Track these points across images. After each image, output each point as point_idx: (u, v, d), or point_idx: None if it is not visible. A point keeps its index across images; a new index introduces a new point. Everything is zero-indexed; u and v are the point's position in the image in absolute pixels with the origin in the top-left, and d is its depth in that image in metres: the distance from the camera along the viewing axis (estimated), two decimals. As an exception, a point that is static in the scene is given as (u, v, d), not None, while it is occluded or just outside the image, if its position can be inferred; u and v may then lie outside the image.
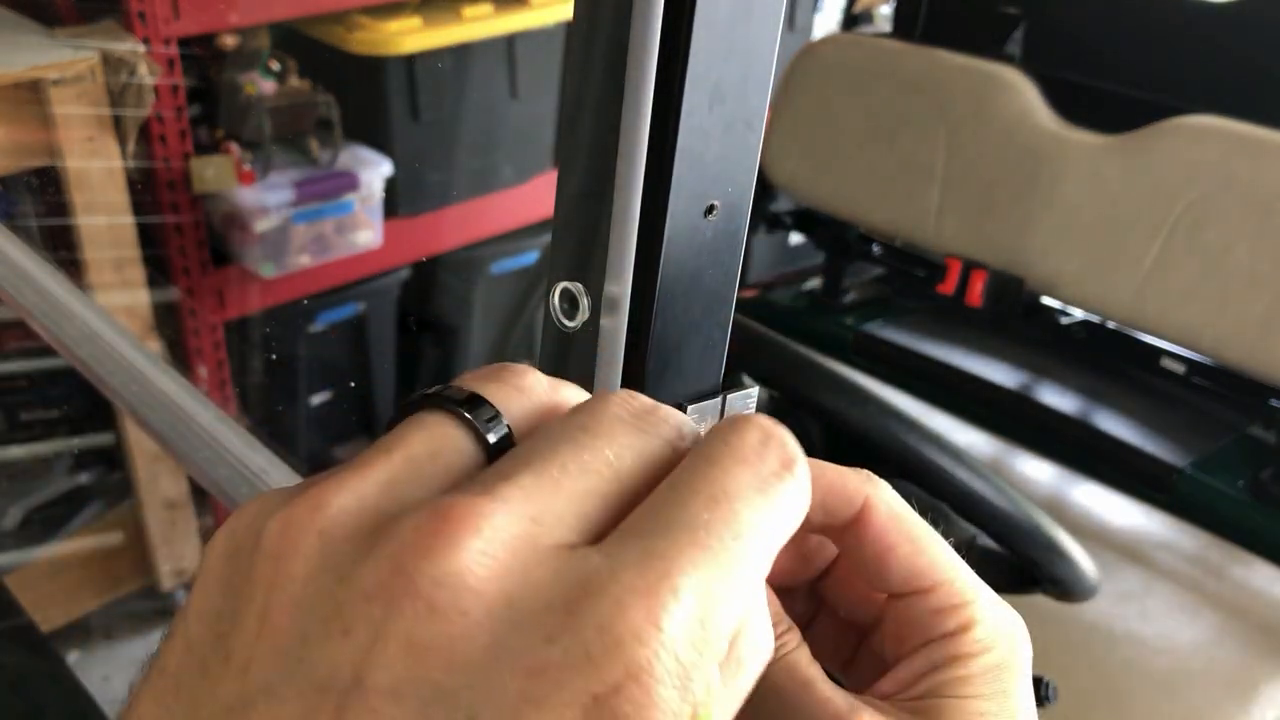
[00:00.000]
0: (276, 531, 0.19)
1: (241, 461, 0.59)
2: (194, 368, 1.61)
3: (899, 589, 0.28)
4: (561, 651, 0.18)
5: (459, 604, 0.18)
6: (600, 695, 0.17)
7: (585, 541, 0.20)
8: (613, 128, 0.26)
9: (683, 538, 0.19)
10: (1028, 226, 1.30)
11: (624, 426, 0.22)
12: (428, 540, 0.18)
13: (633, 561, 0.19)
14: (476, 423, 0.22)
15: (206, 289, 1.58)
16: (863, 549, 0.28)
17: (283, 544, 0.19)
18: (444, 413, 0.22)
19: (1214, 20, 1.30)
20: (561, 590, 0.18)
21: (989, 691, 0.27)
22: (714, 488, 0.21)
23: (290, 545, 0.19)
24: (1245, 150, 1.15)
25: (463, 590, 0.18)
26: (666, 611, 0.18)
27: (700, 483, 0.21)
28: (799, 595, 0.32)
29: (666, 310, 0.28)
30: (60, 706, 0.63)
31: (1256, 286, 1.13)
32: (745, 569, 0.20)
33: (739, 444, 0.22)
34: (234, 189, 1.52)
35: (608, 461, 0.21)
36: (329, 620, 0.18)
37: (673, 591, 0.18)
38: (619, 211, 0.26)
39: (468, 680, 0.17)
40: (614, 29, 0.25)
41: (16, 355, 1.54)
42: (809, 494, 0.23)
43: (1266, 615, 1.14)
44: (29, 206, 1.47)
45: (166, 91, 1.42)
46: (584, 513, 0.20)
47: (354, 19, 1.60)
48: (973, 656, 0.27)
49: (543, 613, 0.18)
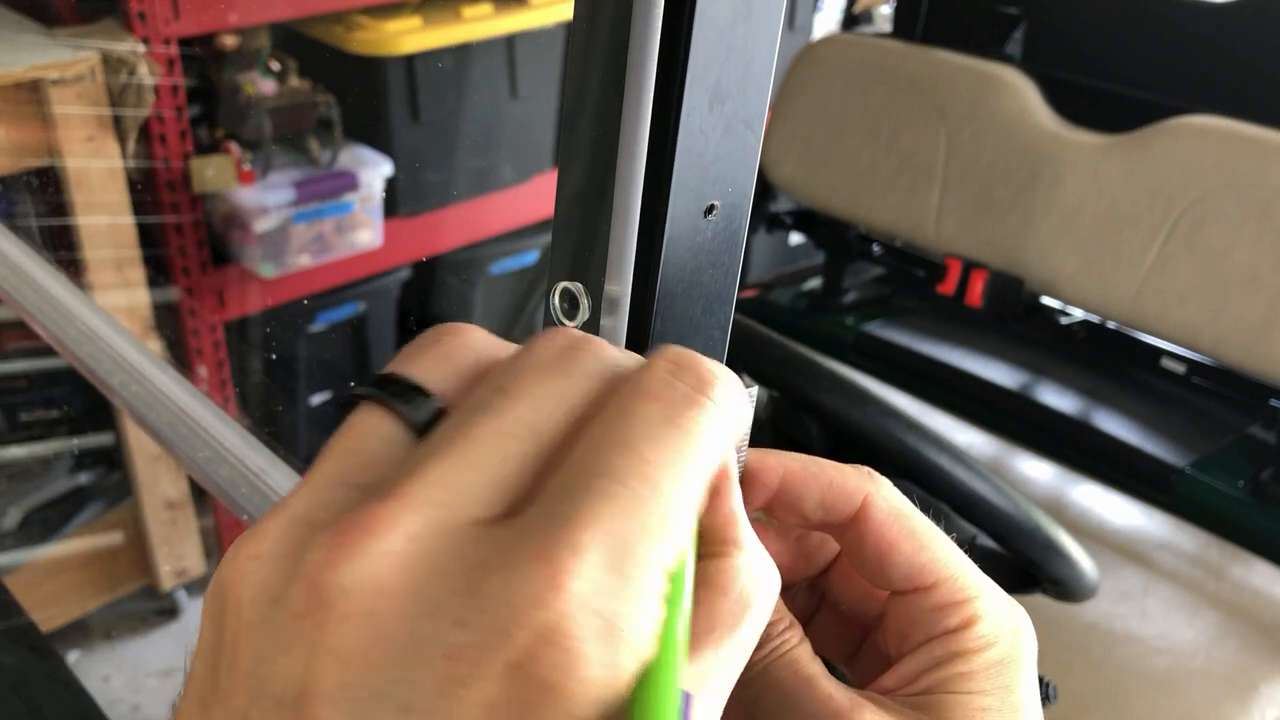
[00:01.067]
0: (229, 563, 0.20)
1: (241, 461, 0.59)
2: (194, 368, 1.61)
3: (901, 586, 0.28)
4: (473, 631, 0.18)
5: (366, 607, 0.18)
6: (516, 664, 0.18)
7: (504, 511, 0.20)
8: (613, 128, 0.26)
9: (584, 492, 0.19)
10: (1028, 226, 1.30)
11: (543, 374, 0.22)
12: (332, 553, 0.19)
13: (536, 527, 0.19)
14: (397, 406, 0.22)
15: (206, 289, 1.58)
16: (864, 546, 0.28)
17: (233, 574, 0.20)
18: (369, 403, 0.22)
19: (1214, 20, 1.30)
20: (467, 571, 0.19)
21: (992, 687, 0.27)
22: (617, 433, 0.20)
23: (238, 574, 0.20)
24: (1245, 150, 1.15)
25: (367, 594, 0.18)
26: (567, 571, 0.18)
27: (607, 430, 0.21)
28: (801, 591, 0.32)
29: (666, 310, 0.28)
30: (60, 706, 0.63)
31: (1256, 286, 1.13)
32: (660, 506, 0.20)
33: (647, 381, 0.21)
34: (234, 189, 1.52)
35: (522, 420, 0.21)
36: (272, 641, 0.19)
37: (573, 549, 0.18)
38: (619, 211, 0.26)
39: (393, 675, 0.18)
40: (614, 29, 0.25)
41: (16, 355, 1.54)
42: (734, 410, 0.22)
43: (1266, 615, 1.14)
44: (29, 206, 1.47)
45: (166, 91, 1.42)
46: (500, 481, 0.20)
47: (354, 19, 1.60)
48: (975, 652, 0.27)
49: (450, 597, 0.18)
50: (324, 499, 0.20)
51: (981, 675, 0.27)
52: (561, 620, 0.18)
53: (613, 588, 0.19)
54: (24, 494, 1.60)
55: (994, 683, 0.27)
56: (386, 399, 0.22)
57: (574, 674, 0.18)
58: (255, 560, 0.20)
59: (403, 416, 0.22)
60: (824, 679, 0.27)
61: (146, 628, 1.73)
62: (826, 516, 0.28)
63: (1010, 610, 0.28)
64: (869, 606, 0.31)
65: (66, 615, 1.65)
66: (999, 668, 0.27)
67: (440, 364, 0.23)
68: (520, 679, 0.18)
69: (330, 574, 0.19)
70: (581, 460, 0.20)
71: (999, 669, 0.27)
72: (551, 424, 0.21)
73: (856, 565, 0.29)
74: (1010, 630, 0.28)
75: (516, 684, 0.18)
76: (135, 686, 1.64)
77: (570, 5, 0.26)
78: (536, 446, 0.21)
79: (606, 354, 0.23)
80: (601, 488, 0.19)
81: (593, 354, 0.23)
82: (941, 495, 0.77)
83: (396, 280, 1.79)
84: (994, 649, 0.27)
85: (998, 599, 0.28)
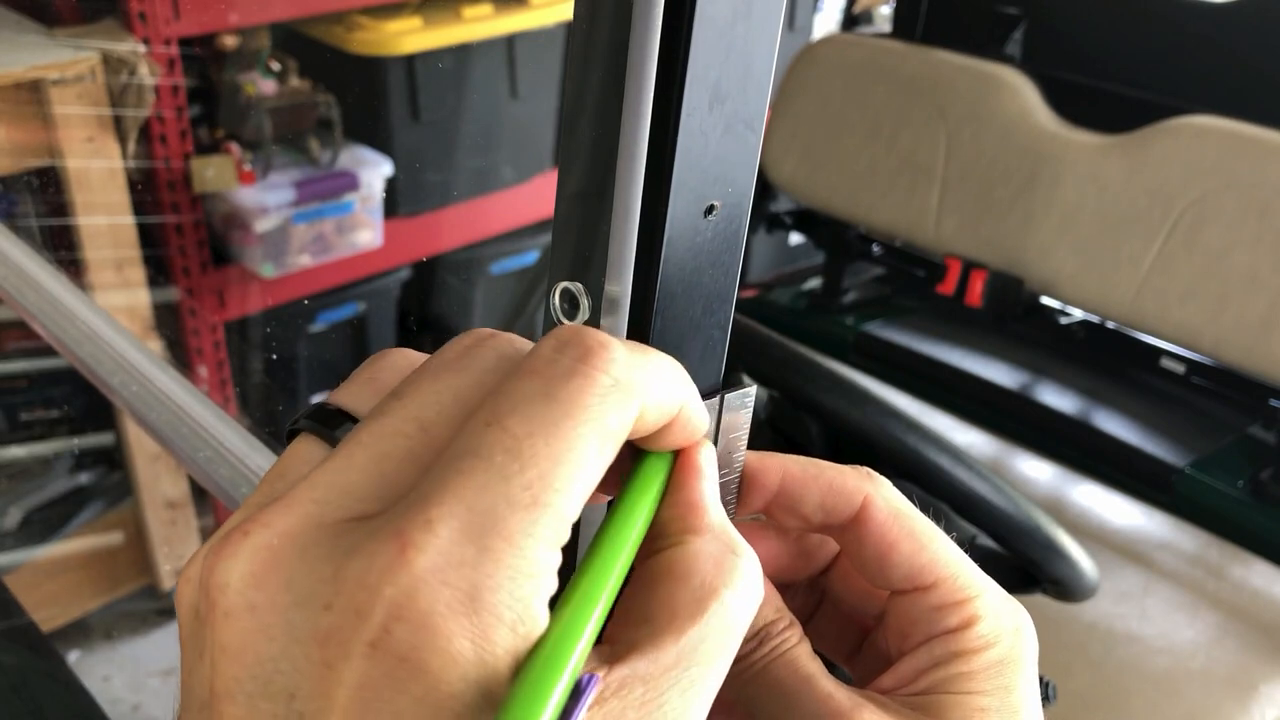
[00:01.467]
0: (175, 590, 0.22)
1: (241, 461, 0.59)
2: (194, 368, 1.61)
3: (901, 585, 0.28)
4: (337, 614, 0.18)
5: (244, 601, 0.19)
6: (374, 641, 0.18)
7: (389, 506, 0.20)
8: (613, 128, 0.26)
9: (446, 472, 0.19)
10: (1027, 226, 1.30)
11: (439, 373, 0.22)
12: (215, 555, 0.20)
13: (397, 511, 0.19)
14: (322, 431, 0.23)
15: (207, 289, 1.58)
16: (864, 546, 0.28)
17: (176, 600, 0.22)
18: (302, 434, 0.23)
19: (1214, 20, 1.30)
20: (335, 559, 0.19)
21: (992, 687, 0.27)
22: (487, 412, 0.20)
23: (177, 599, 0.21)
24: (1245, 150, 1.15)
25: (243, 589, 0.19)
26: (414, 545, 0.18)
27: (482, 411, 0.21)
28: (800, 590, 0.32)
29: (666, 310, 0.28)
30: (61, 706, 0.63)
31: (1256, 286, 1.14)
32: (528, 477, 0.19)
33: (529, 361, 0.21)
34: (234, 189, 1.52)
35: (409, 418, 0.21)
36: (191, 650, 0.20)
37: (425, 525, 0.19)
38: (619, 211, 0.26)
39: (276, 665, 0.19)
40: (614, 29, 0.25)
41: (17, 355, 1.54)
42: (623, 378, 0.21)
43: (1266, 615, 1.14)
44: (29, 206, 1.47)
45: (167, 91, 1.43)
46: (382, 476, 0.20)
47: (354, 19, 1.60)
48: (975, 652, 0.27)
49: (319, 585, 0.19)
50: (243, 518, 0.21)
51: (981, 675, 0.27)
52: (410, 594, 0.18)
53: (470, 559, 0.19)
54: (24, 494, 1.60)
55: (994, 683, 0.27)
56: (314, 426, 0.23)
57: (433, 648, 0.18)
58: (187, 582, 0.21)
59: (325, 440, 0.23)
60: (823, 678, 0.27)
61: (147, 627, 1.73)
62: (826, 518, 0.28)
63: (1011, 610, 0.28)
64: (869, 606, 0.31)
65: (67, 615, 1.65)
66: (999, 668, 0.27)
67: (366, 388, 0.24)
68: (381, 656, 0.18)
69: (214, 574, 0.19)
70: (454, 445, 0.20)
71: (999, 669, 0.27)
72: (438, 419, 0.21)
73: (857, 565, 0.29)
74: (1011, 630, 0.28)
75: (379, 661, 0.18)
76: (136, 686, 1.64)
77: (570, 5, 0.26)
78: (423, 442, 0.21)
79: (508, 346, 0.23)
80: (463, 465, 0.19)
81: (492, 347, 0.23)
82: (941, 495, 0.77)
83: (397, 280, 1.79)
84: (994, 649, 0.27)
85: (998, 599, 0.28)
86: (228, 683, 0.19)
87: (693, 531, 0.23)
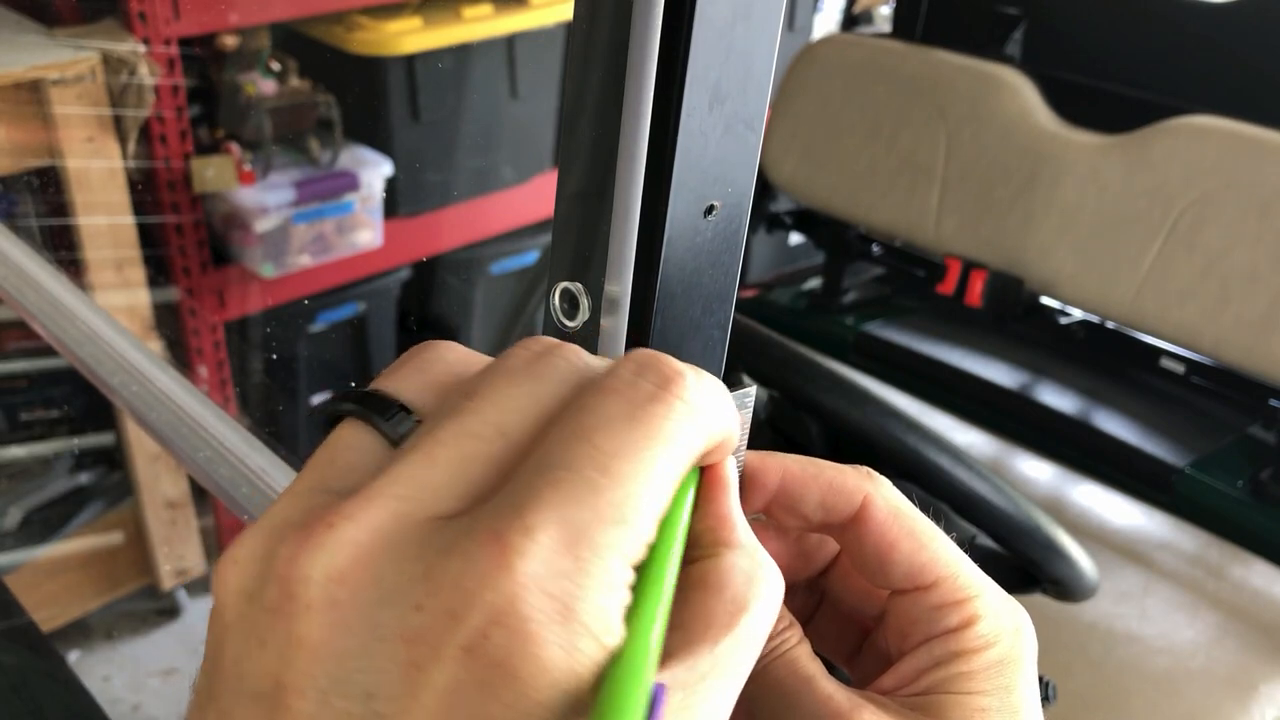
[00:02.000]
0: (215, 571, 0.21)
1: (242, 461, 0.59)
2: (194, 368, 1.61)
3: (901, 585, 0.28)
4: (429, 615, 0.18)
5: (328, 596, 0.19)
6: (470, 646, 0.18)
7: (471, 507, 0.20)
8: (613, 128, 0.26)
9: (540, 480, 0.20)
10: (1027, 226, 1.30)
11: (513, 378, 0.22)
12: (298, 547, 0.19)
13: (489, 513, 0.19)
14: (375, 420, 0.23)
15: (207, 289, 1.58)
16: (864, 546, 0.28)
17: (217, 580, 0.21)
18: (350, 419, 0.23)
19: (1214, 20, 1.30)
20: (426, 558, 0.19)
21: (991, 687, 0.27)
22: (575, 425, 0.21)
23: (221, 579, 0.21)
24: (1245, 150, 1.15)
25: (328, 583, 0.19)
26: (516, 551, 0.19)
27: (565, 424, 0.21)
28: (800, 591, 0.32)
29: (666, 310, 0.28)
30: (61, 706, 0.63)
31: (1256, 286, 1.14)
32: (616, 494, 0.20)
33: (609, 380, 0.22)
34: (234, 189, 1.53)
35: (489, 422, 0.21)
36: (248, 637, 0.20)
37: (524, 531, 0.19)
38: (619, 211, 0.26)
39: (357, 664, 0.19)
40: (614, 29, 0.25)
41: (17, 355, 1.54)
42: (701, 408, 0.22)
43: (1266, 615, 1.14)
44: (29, 206, 1.47)
45: (167, 91, 1.43)
46: (466, 478, 0.21)
47: (354, 19, 1.60)
48: (975, 652, 0.27)
49: (409, 584, 0.19)
50: (301, 505, 0.21)
51: (981, 675, 0.27)
52: (511, 600, 0.18)
53: (565, 570, 0.19)
54: (24, 494, 1.60)
55: (994, 683, 0.27)
56: (366, 414, 0.23)
57: (527, 654, 0.18)
58: (234, 564, 0.20)
59: (379, 429, 0.23)
60: (823, 679, 0.27)
61: (147, 627, 1.73)
62: (826, 517, 0.29)
63: (1010, 610, 0.28)
64: (869, 606, 0.31)
65: (67, 615, 1.65)
66: (999, 667, 0.27)
67: (416, 379, 0.24)
68: (475, 660, 0.18)
69: (295, 567, 0.19)
70: (541, 454, 0.21)
71: (999, 669, 0.27)
72: (519, 425, 0.22)
73: (856, 565, 0.29)
74: (1010, 630, 0.28)
75: (472, 666, 0.18)
76: (136, 686, 1.64)
77: (570, 5, 0.26)
78: (504, 447, 0.21)
79: (578, 358, 0.23)
80: (556, 476, 0.20)
81: (564, 358, 0.23)
82: (941, 495, 0.77)
83: (397, 280, 1.79)
84: (994, 649, 0.27)
85: (998, 598, 0.28)
86: (300, 678, 0.19)
87: (725, 544, 0.23)
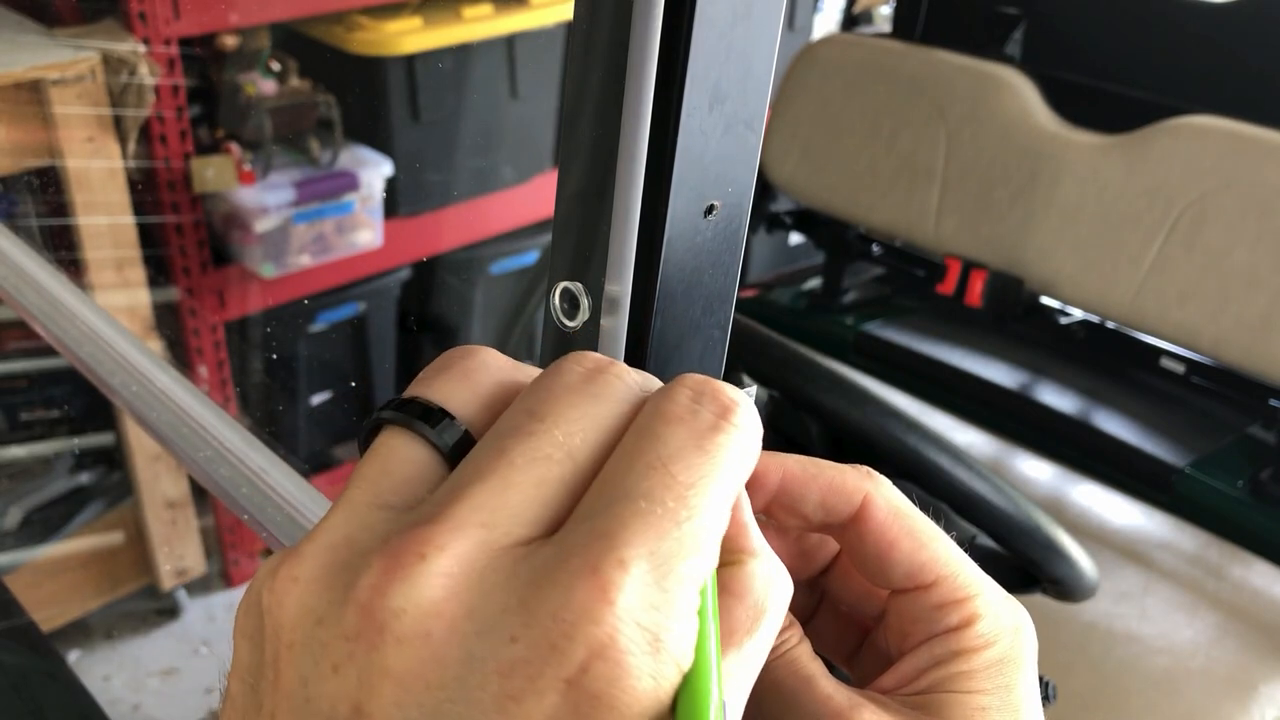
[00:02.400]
0: (267, 584, 0.21)
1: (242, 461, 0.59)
2: (194, 367, 1.61)
3: (901, 585, 0.28)
4: (526, 647, 0.19)
5: (421, 629, 0.19)
6: (572, 679, 0.18)
7: (546, 531, 0.21)
8: (613, 128, 0.26)
9: (624, 511, 0.20)
10: (1027, 226, 1.30)
11: (573, 398, 0.23)
12: (384, 576, 0.19)
13: (579, 544, 0.20)
14: (423, 430, 0.23)
15: (207, 289, 1.58)
16: (864, 545, 0.28)
17: (272, 596, 0.20)
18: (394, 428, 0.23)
19: (1214, 20, 1.30)
20: (517, 589, 0.19)
21: (992, 686, 0.27)
22: (650, 455, 0.21)
23: (277, 596, 0.20)
24: (1245, 150, 1.15)
25: (421, 616, 0.19)
26: (615, 585, 0.19)
27: (638, 452, 0.21)
28: (800, 590, 0.32)
29: (666, 310, 0.28)
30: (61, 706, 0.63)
31: (1256, 286, 1.14)
32: (694, 525, 0.21)
33: (670, 407, 0.22)
34: (234, 189, 1.53)
35: (557, 444, 0.22)
36: (319, 660, 0.19)
37: (619, 565, 0.19)
38: (619, 211, 0.26)
39: (448, 695, 0.19)
40: (614, 29, 0.25)
41: (17, 355, 1.54)
42: (754, 433, 0.23)
43: (1266, 615, 1.14)
44: (30, 206, 1.47)
45: (167, 91, 1.43)
46: (541, 501, 0.21)
47: (354, 19, 1.60)
48: (975, 651, 0.27)
49: (502, 615, 0.19)
50: (362, 522, 0.21)
51: (981, 674, 0.27)
52: (612, 633, 0.19)
53: (656, 602, 0.19)
54: (25, 494, 1.60)
55: (994, 682, 0.27)
56: (411, 422, 0.23)
57: (624, 686, 0.19)
58: (294, 582, 0.20)
59: (429, 440, 0.23)
60: (823, 678, 0.27)
61: (147, 627, 1.73)
62: (826, 517, 0.29)
63: (1011, 609, 0.28)
64: (869, 605, 0.31)
65: (67, 615, 1.65)
66: (999, 666, 0.27)
67: (460, 386, 0.24)
68: (574, 692, 0.18)
69: (383, 598, 0.19)
70: (617, 481, 0.21)
71: (999, 668, 0.27)
72: (586, 447, 0.22)
73: (857, 564, 0.29)
74: (1011, 629, 0.28)
75: (571, 697, 0.18)
76: (136, 686, 1.64)
77: (570, 5, 0.26)
78: (573, 469, 0.22)
79: (631, 378, 0.24)
80: (640, 508, 0.20)
81: (619, 378, 0.24)
82: (941, 495, 0.77)
83: (397, 280, 1.79)
84: (994, 648, 0.27)
85: (998, 597, 0.28)
86: (387, 708, 0.19)
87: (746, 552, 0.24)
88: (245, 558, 1.80)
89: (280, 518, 0.54)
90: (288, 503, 0.54)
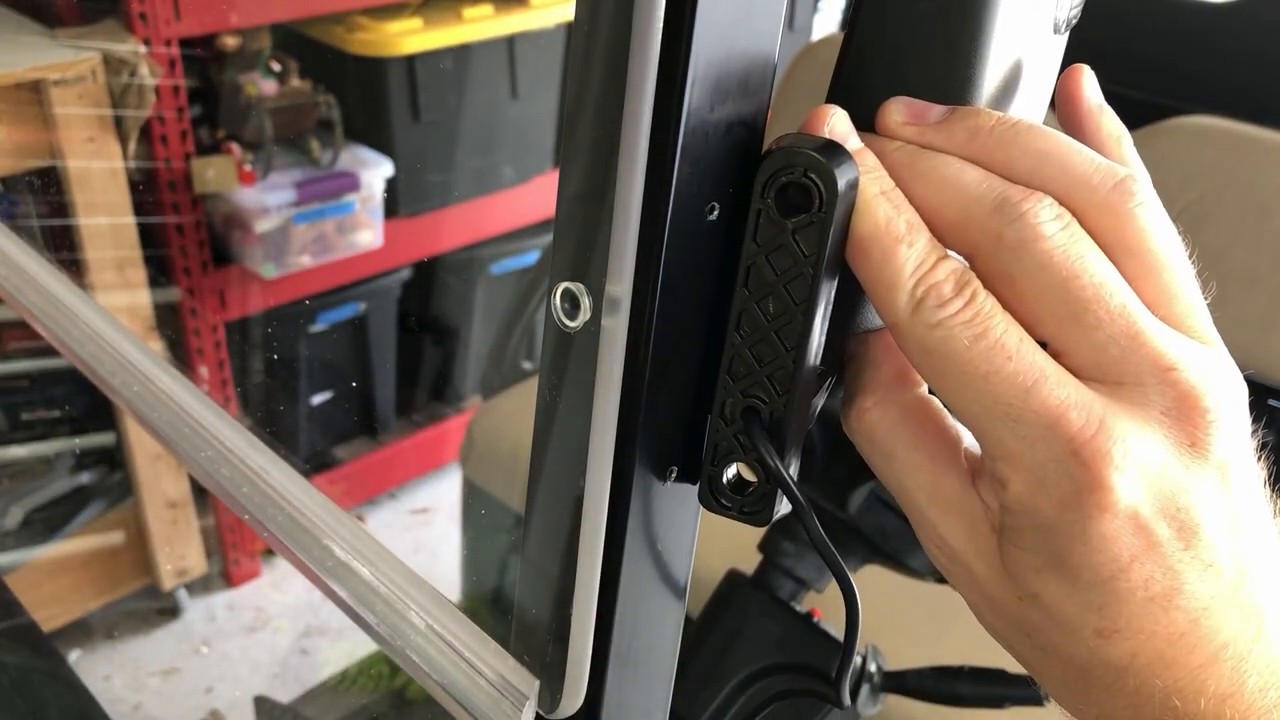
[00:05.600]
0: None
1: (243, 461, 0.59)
2: (195, 367, 1.61)
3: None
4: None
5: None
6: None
7: None
8: (613, 128, 0.26)
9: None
10: (1028, 226, 1.30)
11: None
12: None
13: None
14: None
15: (207, 289, 1.58)
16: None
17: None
18: None
19: (1214, 20, 1.31)
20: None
21: (1029, 545, 0.26)
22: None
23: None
24: (1245, 150, 1.15)
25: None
26: None
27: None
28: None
29: (666, 310, 0.28)
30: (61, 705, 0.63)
31: (1254, 286, 1.14)
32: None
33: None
34: (235, 189, 1.53)
35: None
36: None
37: None
38: (620, 211, 0.26)
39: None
40: (615, 29, 0.25)
41: (17, 355, 1.54)
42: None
43: (1266, 615, 1.14)
44: (30, 207, 1.47)
45: (168, 92, 1.43)
46: None
47: (355, 20, 1.60)
48: (1012, 512, 0.26)
49: None
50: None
51: (1020, 533, 0.26)
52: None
53: None
54: (25, 493, 1.60)
55: (1036, 545, 0.26)
56: None
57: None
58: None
59: None
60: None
61: (148, 627, 1.73)
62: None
63: (1058, 473, 0.25)
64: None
65: (68, 614, 1.65)
66: (1037, 534, 0.26)
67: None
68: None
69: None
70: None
71: (1038, 535, 0.26)
72: None
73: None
74: (1053, 499, 0.26)
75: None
76: (136, 686, 1.64)
77: (571, 5, 0.27)
78: None
79: None
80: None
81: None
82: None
83: (397, 280, 1.79)
84: (1030, 516, 0.26)
85: (1041, 465, 0.26)
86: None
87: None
88: (245, 558, 1.80)
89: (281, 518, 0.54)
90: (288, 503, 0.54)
